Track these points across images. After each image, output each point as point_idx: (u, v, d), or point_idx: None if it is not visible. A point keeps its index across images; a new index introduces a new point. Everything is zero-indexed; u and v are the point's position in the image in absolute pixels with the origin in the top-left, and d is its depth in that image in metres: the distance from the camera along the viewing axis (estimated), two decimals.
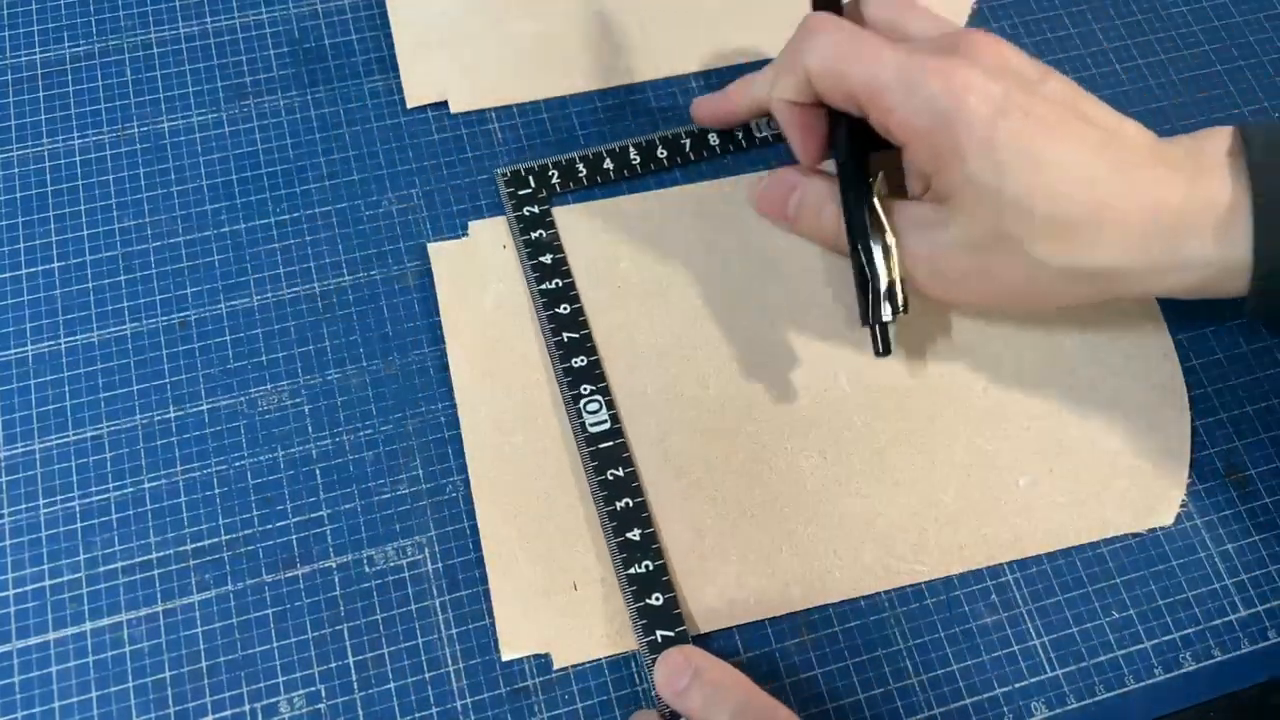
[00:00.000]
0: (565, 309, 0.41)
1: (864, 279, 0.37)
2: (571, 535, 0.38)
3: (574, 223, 0.43)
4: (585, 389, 0.40)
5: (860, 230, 0.38)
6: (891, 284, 0.37)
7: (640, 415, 0.40)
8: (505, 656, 0.36)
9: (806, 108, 0.40)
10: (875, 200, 0.38)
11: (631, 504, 0.38)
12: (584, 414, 0.39)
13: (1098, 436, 0.40)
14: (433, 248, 0.43)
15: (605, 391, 0.40)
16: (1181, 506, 0.40)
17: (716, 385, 0.41)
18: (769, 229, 0.43)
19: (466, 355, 0.41)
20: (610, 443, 0.39)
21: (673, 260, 0.43)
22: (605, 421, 0.39)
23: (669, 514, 0.38)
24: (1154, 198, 0.34)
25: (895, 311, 0.37)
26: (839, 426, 0.40)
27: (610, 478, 0.38)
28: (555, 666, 0.36)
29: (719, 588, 0.38)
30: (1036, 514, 0.39)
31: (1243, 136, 0.35)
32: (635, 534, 0.38)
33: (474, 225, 0.43)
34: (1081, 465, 0.40)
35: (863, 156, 0.39)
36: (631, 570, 0.37)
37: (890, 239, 0.37)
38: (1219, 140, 0.35)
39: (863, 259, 0.37)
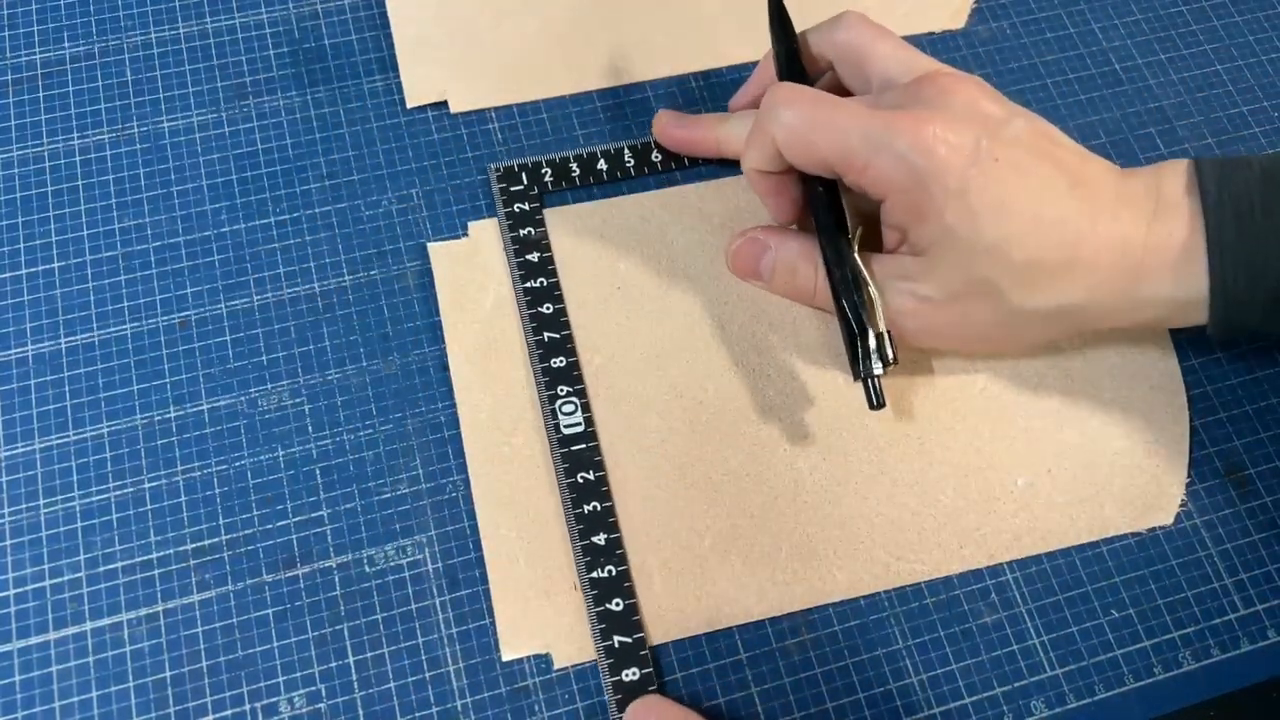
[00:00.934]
0: (548, 308, 0.41)
1: (852, 335, 0.37)
2: (572, 535, 0.38)
3: (572, 224, 0.43)
4: (562, 390, 0.40)
5: (845, 288, 0.38)
6: (879, 338, 0.37)
7: (640, 417, 0.40)
8: (505, 656, 0.37)
9: (779, 174, 0.39)
10: (856, 256, 0.38)
11: (600, 508, 0.38)
12: (559, 414, 0.39)
13: (1097, 436, 0.40)
14: (433, 248, 0.43)
15: (582, 394, 0.40)
16: (1181, 506, 0.40)
17: (715, 387, 0.41)
18: None
19: (466, 355, 0.41)
20: (582, 445, 0.39)
21: (672, 262, 0.43)
22: (579, 424, 0.39)
23: (668, 515, 0.38)
24: (1120, 236, 0.35)
25: (885, 364, 0.37)
26: (838, 427, 0.40)
27: (580, 480, 0.38)
28: (555, 666, 0.36)
29: (719, 588, 0.38)
30: (1036, 514, 0.39)
31: (1198, 172, 0.35)
32: (601, 538, 0.37)
33: (474, 225, 0.43)
34: (1080, 465, 0.40)
35: (840, 214, 0.39)
36: (594, 574, 0.37)
37: (874, 294, 0.37)
38: (1176, 176, 0.36)
39: (850, 316, 0.37)
